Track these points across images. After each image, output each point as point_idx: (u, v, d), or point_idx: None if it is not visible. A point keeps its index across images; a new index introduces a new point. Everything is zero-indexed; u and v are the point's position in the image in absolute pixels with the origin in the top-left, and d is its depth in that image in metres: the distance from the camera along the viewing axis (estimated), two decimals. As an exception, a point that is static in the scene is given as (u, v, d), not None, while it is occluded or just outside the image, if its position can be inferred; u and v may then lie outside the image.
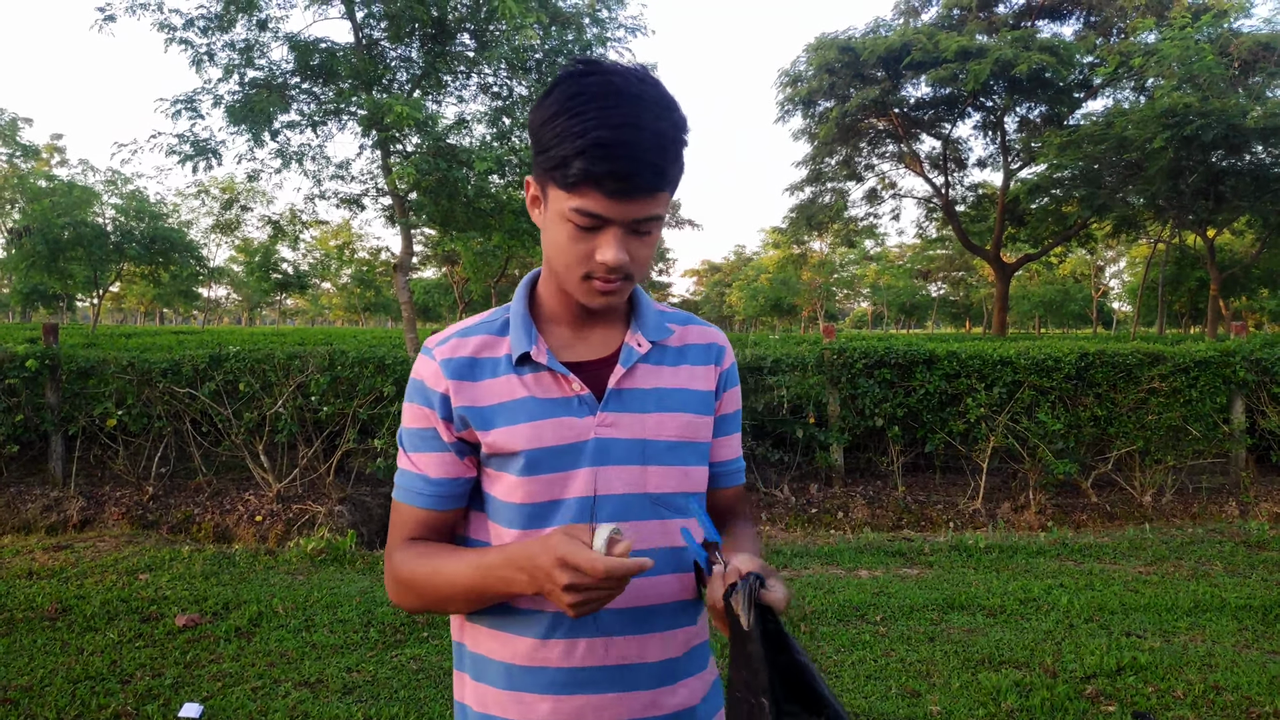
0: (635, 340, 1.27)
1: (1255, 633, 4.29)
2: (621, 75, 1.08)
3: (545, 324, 1.28)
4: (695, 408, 1.29)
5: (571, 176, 1.07)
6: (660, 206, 1.12)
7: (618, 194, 1.07)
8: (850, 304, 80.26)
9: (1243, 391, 7.06)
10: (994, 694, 3.57)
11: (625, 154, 1.04)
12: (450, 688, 3.65)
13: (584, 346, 1.28)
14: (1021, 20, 23.75)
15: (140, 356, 7.14)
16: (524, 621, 1.22)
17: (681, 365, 1.31)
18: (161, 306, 60.01)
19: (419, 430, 1.25)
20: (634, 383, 1.25)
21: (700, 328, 1.37)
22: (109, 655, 3.92)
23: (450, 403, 1.22)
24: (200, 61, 8.93)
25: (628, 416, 1.23)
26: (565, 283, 1.18)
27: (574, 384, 1.22)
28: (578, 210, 1.09)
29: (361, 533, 6.67)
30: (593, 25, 9.97)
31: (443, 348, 1.25)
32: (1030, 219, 24.75)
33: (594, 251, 1.12)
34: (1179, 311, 32.95)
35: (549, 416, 1.20)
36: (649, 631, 1.23)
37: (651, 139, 1.06)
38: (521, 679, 1.22)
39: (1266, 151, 15.28)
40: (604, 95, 1.05)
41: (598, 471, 1.21)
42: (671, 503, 1.25)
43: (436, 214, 10.53)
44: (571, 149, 1.05)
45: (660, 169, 1.08)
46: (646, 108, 1.06)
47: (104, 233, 20.96)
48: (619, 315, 1.32)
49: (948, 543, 5.95)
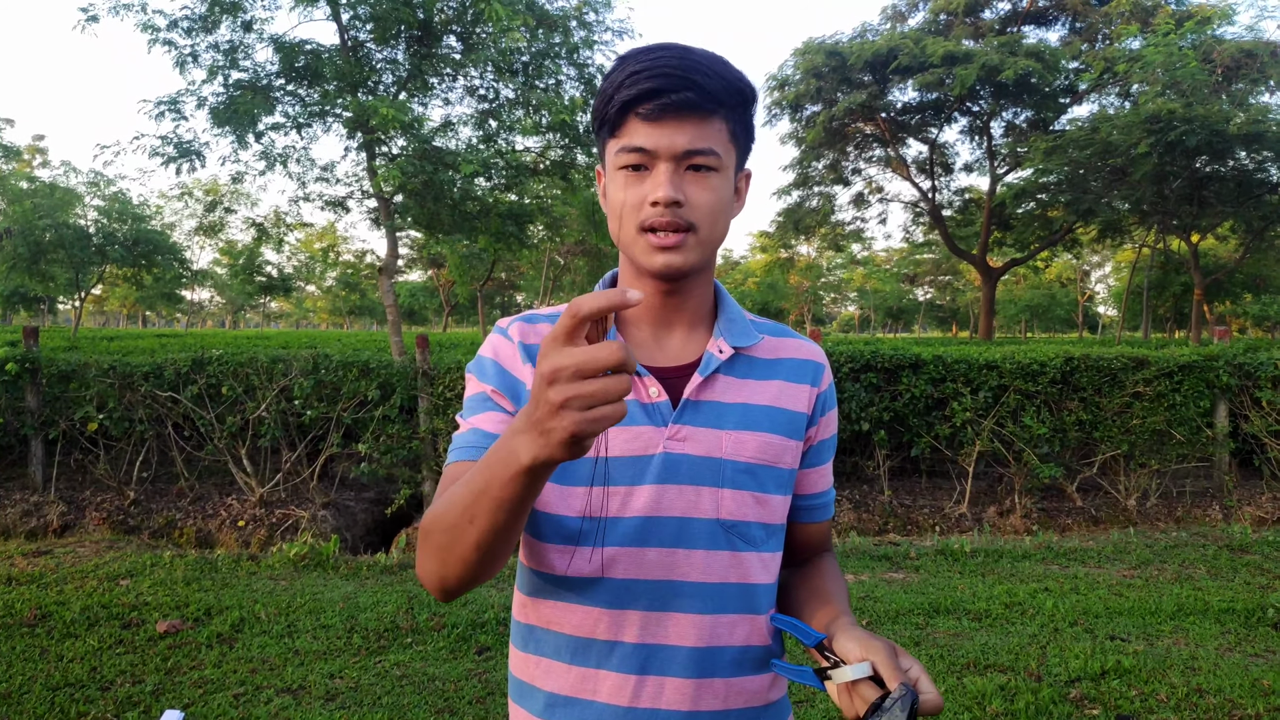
0: (718, 347, 1.15)
1: (1238, 636, 4.31)
2: (673, 42, 1.07)
3: (623, 326, 1.17)
4: (782, 429, 1.15)
5: (611, 113, 1.04)
6: (712, 139, 1.04)
7: (654, 115, 1.02)
8: (837, 308, 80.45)
9: (1226, 396, 7.09)
10: (979, 698, 3.57)
11: (659, 73, 1.00)
12: (434, 694, 3.63)
13: (663, 352, 1.16)
14: (1007, 26, 23.86)
15: (122, 360, 7.08)
16: (573, 648, 1.12)
17: (772, 380, 1.18)
18: (144, 309, 59.64)
19: (479, 396, 1.14)
20: (713, 394, 1.13)
21: (797, 341, 1.24)
22: (89, 662, 3.88)
23: (521, 388, 1.11)
24: (184, 63, 8.88)
25: (702, 431, 1.11)
26: (627, 247, 1.09)
27: (651, 388, 1.11)
28: (623, 149, 1.04)
29: (345, 538, 6.63)
30: (580, 28, 9.96)
31: (517, 328, 1.16)
32: (1016, 223, 24.88)
33: (646, 198, 1.04)
34: (1164, 316, 33.19)
35: (619, 424, 1.04)
36: (709, 676, 1.11)
37: (688, 61, 1.02)
38: (560, 711, 1.13)
39: (1249, 157, 15.41)
40: (649, 48, 1.04)
41: (663, 490, 1.09)
42: (746, 533, 1.12)
43: (422, 217, 10.50)
44: (610, 88, 1.04)
45: (698, 86, 1.01)
46: (696, 53, 1.04)
47: (86, 235, 20.80)
48: (702, 318, 1.19)
49: (934, 547, 5.95)
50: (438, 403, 6.89)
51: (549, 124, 9.75)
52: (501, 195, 11.48)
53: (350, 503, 7.20)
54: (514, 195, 12.05)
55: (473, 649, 4.16)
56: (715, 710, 1.11)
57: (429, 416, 6.90)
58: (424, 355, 7.00)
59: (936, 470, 7.75)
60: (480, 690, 3.67)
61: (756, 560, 1.14)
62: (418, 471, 7.03)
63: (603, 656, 1.10)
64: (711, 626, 1.11)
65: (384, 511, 7.16)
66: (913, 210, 29.67)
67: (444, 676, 3.81)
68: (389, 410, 6.75)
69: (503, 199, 11.51)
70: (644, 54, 1.04)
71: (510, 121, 10.28)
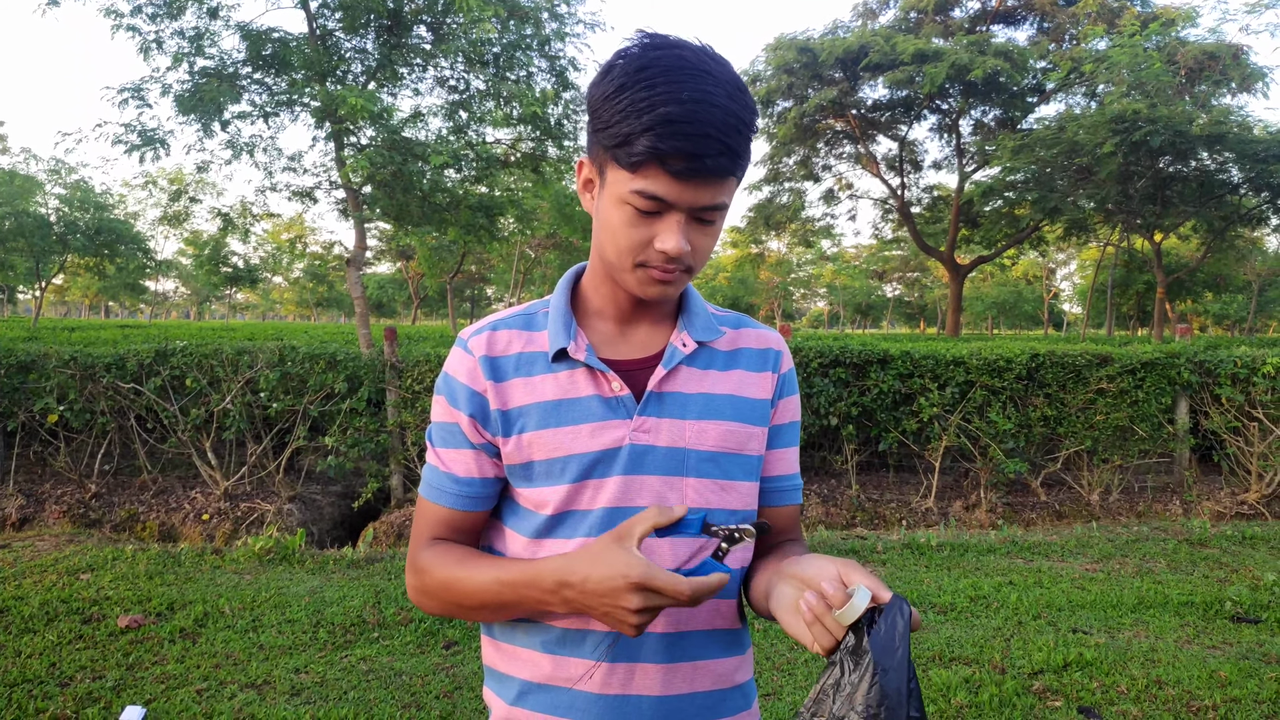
0: (681, 340, 1.17)
1: (1196, 628, 4.38)
2: (691, 50, 1.01)
3: (587, 319, 1.19)
4: (745, 416, 1.18)
5: (635, 155, 0.98)
6: (727, 194, 1.04)
7: (684, 175, 0.98)
8: (807, 303, 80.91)
9: (1187, 393, 7.21)
10: (944, 690, 3.60)
11: (695, 132, 0.96)
12: (401, 689, 3.61)
13: (627, 345, 1.18)
14: (977, 25, 24.08)
15: (84, 351, 6.95)
16: (545, 636, 1.15)
17: (733, 370, 1.20)
18: (107, 300, 58.75)
19: (448, 425, 1.17)
20: (676, 386, 1.15)
21: (756, 331, 1.26)
22: (48, 657, 3.81)
23: (488, 404, 1.14)
24: (148, 49, 8.73)
25: (666, 422, 1.13)
26: (617, 271, 1.09)
27: (613, 383, 1.13)
28: (639, 192, 1.00)
29: (311, 531, 6.57)
30: (551, 20, 9.92)
31: (478, 340, 1.17)
32: (984, 221, 25.14)
33: (652, 239, 1.03)
34: (1127, 314, 33.68)
35: (583, 420, 1.12)
36: (677, 660, 1.14)
37: (725, 119, 0.97)
38: (534, 697, 1.16)
39: (1211, 158, 15.65)
40: (673, 70, 0.98)
41: (629, 480, 1.11)
42: (712, 520, 1.14)
43: (391, 208, 10.42)
44: (637, 125, 0.97)
45: (731, 151, 0.99)
46: (718, 85, 0.98)
47: (47, 223, 20.48)
48: (667, 313, 1.21)
49: (900, 541, 6.00)
50: (406, 395, 6.84)
51: (520, 116, 9.71)
52: (472, 187, 11.42)
53: (317, 496, 7.14)
54: (484, 187, 11.99)
55: (440, 643, 4.13)
56: (684, 693, 1.15)
57: (397, 409, 6.85)
58: (392, 348, 6.94)
59: (904, 465, 7.81)
60: (447, 684, 3.66)
61: None
62: (385, 465, 6.98)
63: (574, 644, 1.13)
64: (679, 612, 1.13)
65: (351, 505, 7.10)
66: (882, 207, 29.93)
67: (411, 671, 3.79)
68: (356, 403, 6.69)
69: (473, 191, 11.45)
70: (669, 89, 0.97)
71: (481, 113, 10.23)
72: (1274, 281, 34.14)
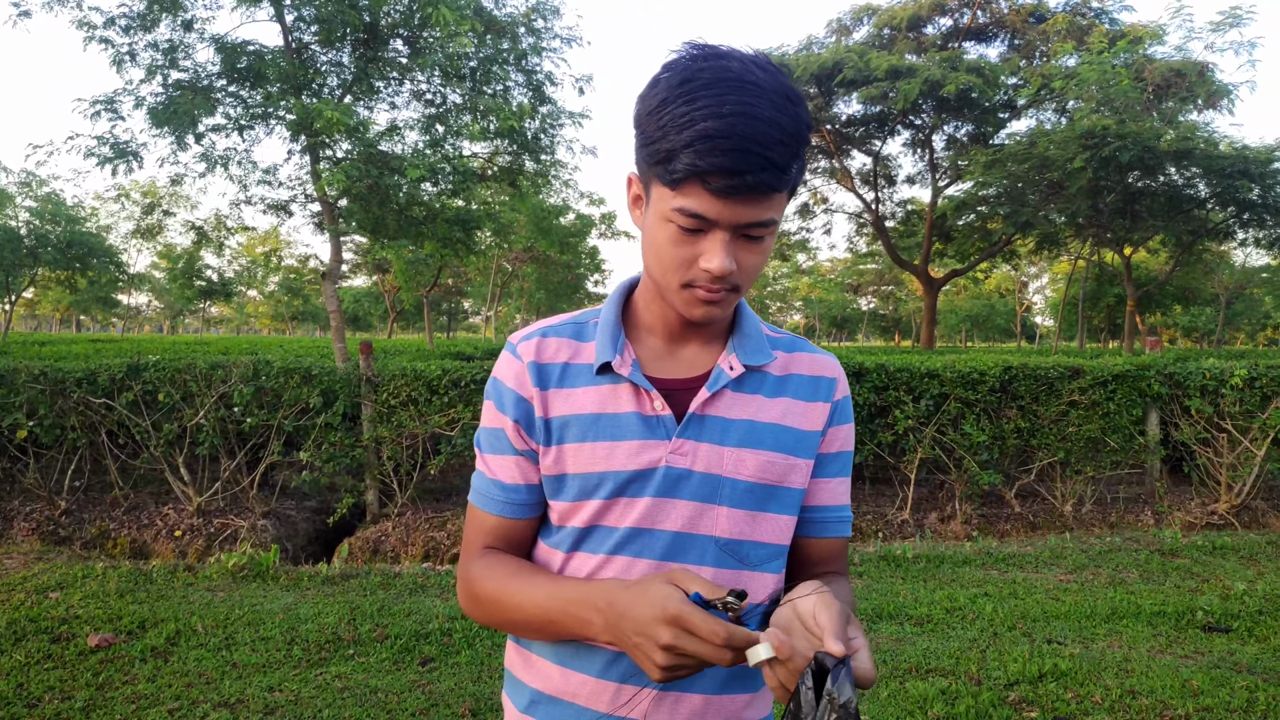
0: (729, 363, 1.13)
1: (1169, 638, 4.43)
2: (739, 60, 0.97)
3: (637, 334, 1.17)
4: (788, 447, 1.14)
5: (676, 172, 0.96)
6: (775, 210, 1.00)
7: (725, 192, 0.95)
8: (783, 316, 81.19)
9: (1157, 404, 7.30)
10: (921, 702, 3.62)
11: (735, 147, 0.93)
12: (376, 706, 3.58)
13: (675, 363, 1.15)
14: (949, 41, 24.34)
15: (54, 365, 6.86)
16: (557, 649, 1.14)
17: (781, 397, 1.16)
18: (78, 313, 57.99)
19: (495, 431, 1.17)
20: (719, 410, 1.12)
21: (811, 356, 1.21)
22: (15, 678, 3.75)
23: (533, 411, 1.13)
24: (121, 61, 8.66)
25: (704, 447, 1.10)
26: (664, 290, 1.07)
27: (655, 401, 1.10)
28: (681, 210, 0.98)
29: (286, 547, 6.51)
30: (528, 35, 9.93)
31: (527, 346, 1.16)
32: (957, 235, 25.34)
33: (697, 257, 1.01)
34: (1098, 326, 34.10)
35: (621, 437, 1.10)
36: (688, 691, 1.11)
37: (767, 131, 0.94)
38: (543, 708, 1.15)
39: (1179, 173, 15.88)
40: (717, 82, 0.95)
41: (659, 503, 1.09)
42: (742, 553, 1.12)
43: (367, 221, 10.36)
44: (677, 141, 0.95)
45: (775, 165, 0.95)
46: (764, 96, 0.95)
47: (17, 236, 20.24)
48: (718, 333, 1.18)
49: (876, 553, 6.03)
50: (381, 410, 6.80)
51: (497, 130, 9.70)
52: (448, 200, 11.39)
53: (291, 512, 7.07)
54: (461, 201, 11.96)
55: (416, 660, 4.10)
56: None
57: (372, 424, 6.81)
58: (368, 362, 6.91)
59: (879, 477, 7.85)
60: (423, 702, 3.63)
61: (752, 581, 1.13)
62: (360, 480, 6.93)
63: (584, 660, 1.12)
64: None
65: (326, 521, 7.04)
66: (857, 221, 30.10)
67: (386, 688, 3.76)
68: (331, 418, 6.64)
69: (449, 204, 11.41)
70: (711, 102, 0.94)
71: (457, 127, 10.21)
72: (1241, 295, 34.66)
